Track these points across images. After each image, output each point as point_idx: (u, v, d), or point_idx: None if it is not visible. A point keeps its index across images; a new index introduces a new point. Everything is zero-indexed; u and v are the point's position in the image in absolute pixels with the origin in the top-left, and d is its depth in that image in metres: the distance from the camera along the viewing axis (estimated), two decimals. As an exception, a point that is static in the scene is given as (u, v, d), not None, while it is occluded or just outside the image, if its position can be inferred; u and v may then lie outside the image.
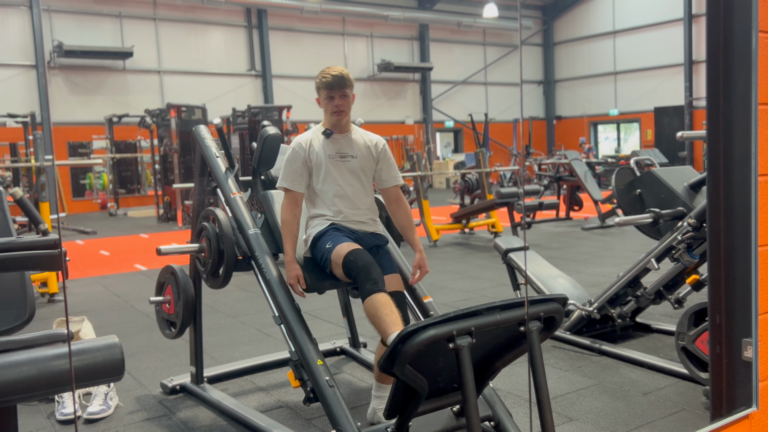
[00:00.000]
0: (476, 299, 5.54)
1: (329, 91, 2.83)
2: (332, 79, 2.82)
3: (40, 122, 14.52)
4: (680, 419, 2.94)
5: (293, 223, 2.83)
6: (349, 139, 2.93)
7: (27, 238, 1.87)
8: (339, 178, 2.87)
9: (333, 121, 2.88)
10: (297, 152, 2.87)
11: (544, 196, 11.38)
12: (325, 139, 2.89)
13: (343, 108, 2.85)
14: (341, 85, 2.83)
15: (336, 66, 2.90)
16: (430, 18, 21.94)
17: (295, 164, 2.86)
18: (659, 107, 21.33)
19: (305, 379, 2.55)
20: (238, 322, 5.01)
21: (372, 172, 2.97)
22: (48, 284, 5.89)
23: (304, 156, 2.86)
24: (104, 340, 1.56)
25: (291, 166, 2.87)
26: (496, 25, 23.02)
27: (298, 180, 2.86)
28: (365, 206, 2.93)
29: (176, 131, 12.30)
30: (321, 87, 2.86)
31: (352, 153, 2.91)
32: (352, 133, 2.96)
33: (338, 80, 2.82)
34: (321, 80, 2.85)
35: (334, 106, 2.84)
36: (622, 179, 4.31)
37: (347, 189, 2.87)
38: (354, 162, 2.90)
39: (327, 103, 2.86)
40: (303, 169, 2.86)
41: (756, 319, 2.00)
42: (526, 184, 12.86)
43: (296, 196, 2.86)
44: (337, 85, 2.82)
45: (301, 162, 2.86)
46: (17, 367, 1.43)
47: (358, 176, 2.91)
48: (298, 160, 2.86)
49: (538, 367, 1.88)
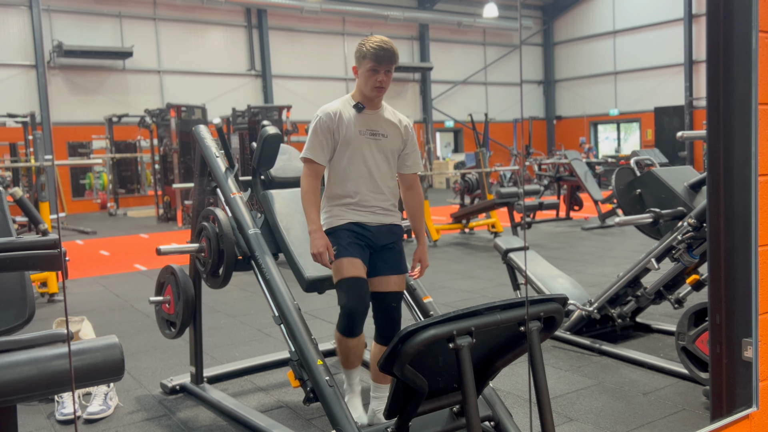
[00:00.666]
0: (476, 299, 5.54)
1: (376, 63, 2.58)
2: (383, 52, 2.56)
3: (39, 122, 14.51)
4: (680, 419, 2.94)
5: (316, 193, 2.66)
6: (381, 117, 2.73)
7: (27, 238, 1.87)
8: (367, 157, 2.67)
9: (370, 96, 2.66)
10: (324, 122, 2.65)
11: (544, 196, 11.39)
12: (356, 113, 2.67)
13: (385, 85, 2.62)
14: (390, 60, 2.59)
15: (386, 38, 2.62)
16: (430, 18, 21.95)
17: (321, 135, 2.64)
18: (659, 107, 21.34)
19: (305, 379, 2.55)
20: (238, 322, 5.00)
21: (398, 154, 2.78)
22: (48, 284, 5.89)
23: (332, 127, 2.64)
24: (104, 340, 1.56)
25: (317, 136, 2.65)
26: (496, 25, 23.03)
27: (322, 152, 2.65)
28: (388, 190, 2.75)
29: (176, 131, 12.31)
30: (367, 57, 2.59)
31: (383, 132, 2.71)
32: (383, 111, 2.76)
33: (389, 55, 2.58)
34: (369, 49, 2.58)
35: (377, 81, 2.60)
36: (622, 179, 4.31)
37: (373, 170, 2.69)
38: (384, 141, 2.71)
39: (369, 76, 2.61)
40: (329, 141, 2.65)
41: (756, 319, 2.00)
42: (526, 184, 12.86)
43: (318, 168, 2.67)
44: (387, 60, 2.58)
45: (329, 133, 2.65)
46: (17, 367, 1.43)
47: (386, 157, 2.72)
48: (325, 130, 2.64)
49: (538, 367, 1.88)
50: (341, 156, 2.68)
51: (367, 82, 2.62)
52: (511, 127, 23.25)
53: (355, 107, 2.68)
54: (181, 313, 3.24)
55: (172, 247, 3.12)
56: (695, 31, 20.39)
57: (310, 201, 2.65)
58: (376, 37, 2.62)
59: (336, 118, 2.65)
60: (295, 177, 3.34)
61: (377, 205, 2.73)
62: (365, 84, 2.64)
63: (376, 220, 2.74)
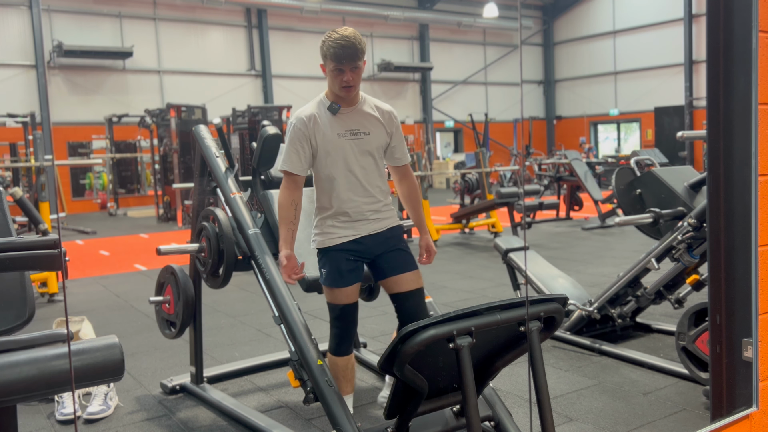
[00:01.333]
0: (476, 299, 5.54)
1: (338, 63, 2.40)
2: (342, 50, 2.38)
3: (39, 122, 14.51)
4: (680, 419, 2.94)
5: (291, 209, 2.53)
6: (360, 113, 2.55)
7: (27, 238, 1.87)
8: (351, 160, 2.52)
9: (341, 95, 2.50)
10: (299, 129, 2.50)
11: (544, 196, 11.38)
12: (332, 115, 2.51)
13: (353, 83, 2.44)
14: (352, 57, 2.40)
15: (346, 28, 2.44)
16: (430, 18, 21.94)
17: (297, 143, 2.51)
18: (659, 107, 21.34)
19: (305, 379, 2.55)
20: (238, 322, 5.00)
21: (384, 149, 2.63)
22: (48, 284, 5.89)
23: (307, 134, 2.50)
24: (104, 340, 1.56)
25: (293, 145, 2.51)
26: (496, 25, 23.02)
27: (300, 161, 2.51)
28: (378, 190, 2.60)
29: (176, 131, 12.30)
30: (329, 57, 2.42)
31: (364, 129, 2.54)
32: (362, 105, 2.56)
33: (350, 52, 2.38)
34: (329, 49, 2.40)
35: (343, 81, 2.43)
36: (622, 179, 4.30)
37: (359, 172, 2.53)
38: (367, 139, 2.54)
39: (335, 76, 2.44)
40: (306, 149, 2.51)
41: (756, 319, 2.00)
42: (526, 184, 12.86)
43: (297, 179, 2.53)
44: (349, 58, 2.39)
45: (305, 141, 2.50)
46: (17, 367, 1.43)
47: (371, 156, 2.56)
48: (302, 138, 2.50)
49: (538, 367, 1.88)
50: (323, 163, 2.54)
51: (334, 82, 2.46)
52: (511, 127, 23.25)
53: (329, 109, 2.51)
54: (181, 313, 3.24)
55: (172, 247, 3.12)
56: (695, 31, 20.39)
57: (283, 216, 2.54)
58: (336, 33, 2.41)
59: (311, 124, 2.51)
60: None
61: (370, 209, 2.58)
62: (333, 84, 2.48)
63: (371, 229, 2.60)
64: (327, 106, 2.53)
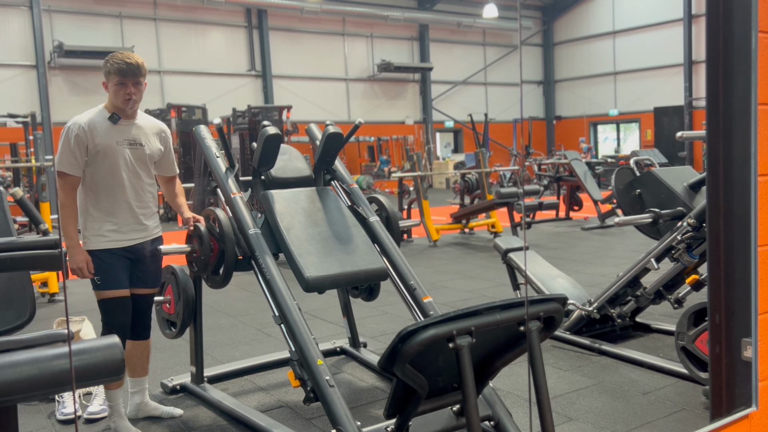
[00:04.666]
0: (476, 299, 5.54)
1: (122, 78, 2.74)
2: (126, 67, 2.73)
3: (40, 122, 14.52)
4: (680, 419, 2.94)
5: (73, 207, 2.80)
6: (138, 126, 2.88)
7: (27, 238, 1.88)
8: (124, 168, 2.82)
9: (123, 107, 2.81)
10: (76, 135, 2.75)
11: (544, 196, 11.37)
12: (112, 125, 2.81)
13: (134, 96, 2.78)
14: (135, 73, 2.75)
15: (131, 53, 2.81)
16: (430, 18, 21.94)
17: (73, 147, 2.75)
18: (659, 107, 21.33)
19: (305, 378, 2.55)
20: (238, 322, 5.01)
21: (155, 160, 2.98)
22: (48, 284, 5.89)
23: (84, 138, 2.75)
24: (104, 340, 1.56)
25: (69, 147, 2.75)
26: (496, 25, 23.02)
27: (76, 164, 2.76)
28: (148, 196, 2.94)
29: (176, 131, 12.31)
30: (112, 73, 2.75)
31: (141, 141, 2.87)
32: (139, 119, 2.91)
33: (133, 69, 2.74)
34: (114, 66, 2.74)
35: (126, 94, 2.76)
36: (621, 179, 4.30)
37: (133, 180, 2.85)
38: (143, 150, 2.88)
39: (118, 90, 2.76)
40: (82, 152, 2.76)
41: (756, 319, 2.00)
42: (525, 184, 12.86)
43: (73, 180, 2.78)
44: (131, 73, 2.75)
45: (82, 144, 2.75)
46: (17, 367, 1.43)
47: (145, 165, 2.90)
48: (77, 143, 2.75)
49: (538, 367, 1.88)
50: (98, 167, 2.79)
51: (117, 95, 2.78)
52: (511, 128, 23.25)
53: (110, 119, 2.81)
54: (182, 313, 3.25)
55: (171, 247, 3.12)
56: (695, 31, 20.39)
57: (68, 215, 2.78)
58: (121, 54, 2.77)
59: (88, 129, 2.76)
60: (295, 177, 3.34)
61: (139, 212, 2.90)
62: (116, 97, 2.79)
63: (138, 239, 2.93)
64: (107, 116, 2.83)
